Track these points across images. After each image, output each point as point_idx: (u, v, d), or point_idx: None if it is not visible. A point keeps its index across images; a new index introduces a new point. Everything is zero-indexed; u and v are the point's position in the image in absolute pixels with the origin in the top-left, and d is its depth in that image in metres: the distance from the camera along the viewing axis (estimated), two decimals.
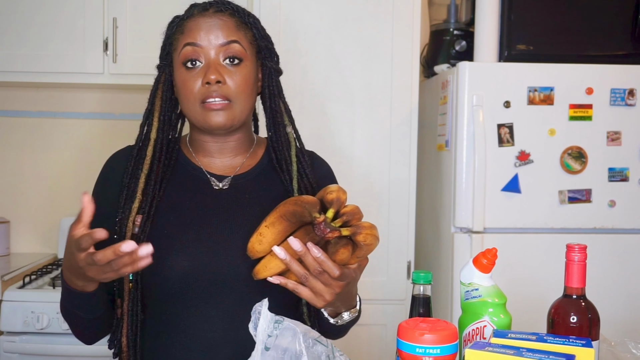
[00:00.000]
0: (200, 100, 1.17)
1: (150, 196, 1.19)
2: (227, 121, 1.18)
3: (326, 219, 1.04)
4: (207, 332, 1.15)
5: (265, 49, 1.26)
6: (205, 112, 1.18)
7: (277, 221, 1.03)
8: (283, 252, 1.01)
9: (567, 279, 1.03)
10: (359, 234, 1.03)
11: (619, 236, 2.13)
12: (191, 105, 1.19)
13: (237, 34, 1.20)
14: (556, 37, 2.21)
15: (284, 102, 1.29)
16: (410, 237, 2.31)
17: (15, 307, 2.12)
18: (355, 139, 2.29)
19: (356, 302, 1.19)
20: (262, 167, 1.28)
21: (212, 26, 1.19)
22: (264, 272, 1.04)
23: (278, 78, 1.29)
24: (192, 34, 1.19)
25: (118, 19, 2.35)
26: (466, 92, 2.09)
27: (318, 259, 1.00)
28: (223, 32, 1.19)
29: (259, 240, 1.03)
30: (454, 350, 0.88)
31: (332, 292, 1.04)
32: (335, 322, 1.16)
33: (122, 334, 1.17)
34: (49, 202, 2.67)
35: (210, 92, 1.16)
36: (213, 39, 1.18)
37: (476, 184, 2.07)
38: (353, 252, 1.03)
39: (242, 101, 1.19)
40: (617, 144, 2.12)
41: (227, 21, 1.20)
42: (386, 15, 2.28)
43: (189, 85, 1.18)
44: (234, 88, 1.18)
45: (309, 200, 1.06)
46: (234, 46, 1.19)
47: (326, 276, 1.02)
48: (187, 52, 1.18)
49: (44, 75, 2.38)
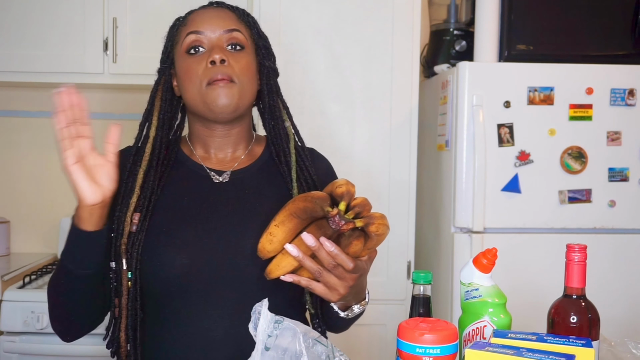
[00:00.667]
0: (206, 82, 1.17)
1: (149, 192, 1.19)
2: (230, 101, 1.18)
3: (340, 212, 1.04)
4: (207, 331, 1.14)
5: (264, 48, 1.28)
6: (210, 92, 1.17)
7: (287, 219, 1.03)
8: (296, 250, 1.01)
9: (567, 279, 1.03)
10: (372, 224, 1.03)
11: (619, 236, 2.13)
12: (196, 89, 1.19)
13: (239, 25, 1.24)
14: (556, 37, 2.21)
15: (282, 100, 1.30)
16: (410, 237, 2.31)
17: (15, 307, 2.12)
18: (355, 139, 2.29)
19: (365, 295, 1.19)
20: (262, 163, 1.28)
21: (214, 16, 1.22)
22: (277, 271, 1.04)
23: (276, 79, 1.30)
24: (195, 23, 1.22)
25: (118, 19, 2.35)
26: (466, 92, 2.09)
27: (332, 253, 1.01)
28: (225, 21, 1.22)
29: (270, 240, 1.03)
30: (454, 350, 0.88)
31: (346, 285, 1.05)
32: (346, 315, 1.16)
33: (120, 330, 1.17)
34: (49, 202, 2.67)
35: (216, 71, 1.17)
36: (216, 27, 1.21)
37: (476, 184, 2.07)
38: (365, 244, 1.04)
39: (245, 84, 1.20)
40: (617, 144, 2.12)
41: (228, 13, 1.25)
42: (386, 15, 2.28)
43: (192, 68, 1.19)
44: (237, 69, 1.19)
45: (319, 195, 1.06)
46: (237, 34, 1.22)
47: (340, 270, 1.03)
48: (190, 39, 1.20)
49: (44, 75, 2.38)
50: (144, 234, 1.16)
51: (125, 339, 1.16)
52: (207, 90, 1.17)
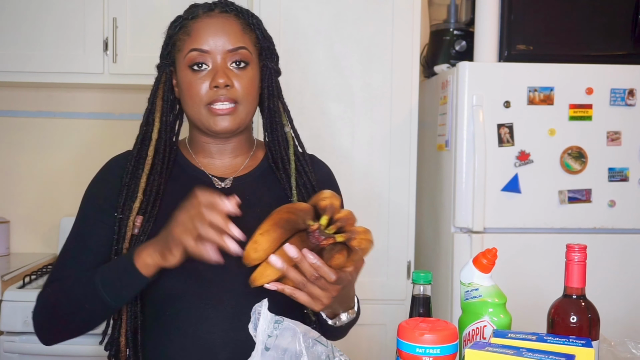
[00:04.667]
0: (207, 103, 1.17)
1: (153, 196, 1.19)
2: (233, 125, 1.19)
3: (320, 227, 1.04)
4: (206, 334, 1.14)
5: (267, 49, 1.26)
6: (211, 116, 1.18)
7: (271, 229, 1.03)
8: (280, 261, 1.00)
9: (567, 279, 1.03)
10: (354, 239, 1.02)
11: (619, 236, 2.13)
12: (197, 108, 1.19)
13: (243, 38, 1.20)
14: (556, 37, 2.21)
15: (283, 102, 1.29)
16: (410, 237, 2.31)
17: (15, 307, 2.12)
18: (355, 139, 2.29)
19: (354, 303, 1.19)
20: (263, 169, 1.28)
21: (218, 30, 1.18)
22: (261, 280, 1.03)
23: (277, 79, 1.29)
24: (199, 38, 1.18)
25: (118, 19, 2.35)
26: (466, 92, 2.09)
27: (314, 265, 1.00)
28: (230, 37, 1.18)
29: (254, 248, 1.02)
30: (454, 350, 0.88)
31: (329, 296, 1.04)
32: (334, 323, 1.16)
33: (120, 334, 1.17)
34: (49, 202, 2.67)
35: (219, 95, 1.16)
36: (220, 44, 1.18)
37: (476, 184, 2.07)
38: (348, 256, 1.03)
39: (248, 104, 1.20)
40: (617, 144, 2.12)
41: (233, 24, 1.20)
42: (386, 15, 2.28)
43: (195, 87, 1.18)
44: (241, 91, 1.18)
45: (302, 207, 1.06)
46: (242, 52, 1.19)
47: (323, 281, 1.02)
48: (193, 56, 1.18)
49: (44, 75, 2.38)
50: (146, 237, 1.15)
51: (125, 343, 1.16)
52: (209, 114, 1.18)
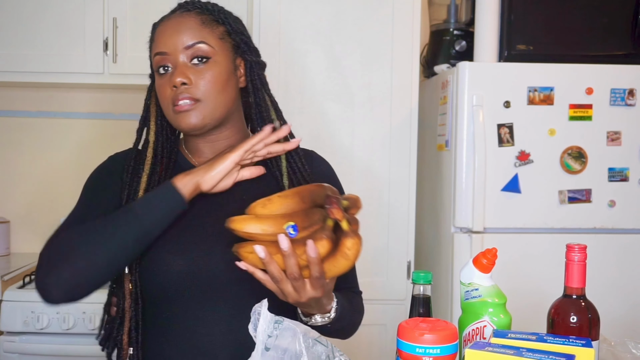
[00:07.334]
0: (172, 104, 1.18)
1: None
2: (198, 121, 1.18)
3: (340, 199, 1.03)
4: (205, 335, 1.14)
5: (242, 43, 1.24)
6: (176, 115, 1.18)
7: (290, 195, 1.04)
8: (263, 252, 0.99)
9: (567, 279, 1.03)
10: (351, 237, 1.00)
11: (619, 236, 2.13)
12: (167, 110, 1.20)
13: (202, 33, 1.19)
14: (556, 37, 2.21)
15: (270, 95, 1.27)
16: (410, 237, 2.31)
17: (15, 307, 2.12)
18: (355, 139, 2.29)
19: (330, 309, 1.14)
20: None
21: (174, 31, 1.19)
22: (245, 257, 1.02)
23: (262, 71, 1.27)
24: (159, 42, 1.20)
25: (118, 19, 2.35)
26: (466, 92, 2.09)
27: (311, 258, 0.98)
28: (186, 34, 1.18)
29: (264, 204, 1.03)
30: (454, 350, 0.88)
31: (297, 300, 1.04)
32: (307, 321, 1.13)
33: (123, 332, 1.17)
34: (49, 202, 2.67)
35: (178, 94, 1.17)
36: (177, 43, 1.18)
37: (476, 184, 2.07)
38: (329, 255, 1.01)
39: (212, 99, 1.18)
40: (617, 144, 2.12)
41: (190, 21, 1.20)
42: (386, 15, 2.28)
43: (162, 91, 1.20)
44: (202, 87, 1.17)
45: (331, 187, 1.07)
46: (199, 47, 1.18)
47: (300, 283, 1.01)
48: (157, 60, 1.20)
49: (43, 75, 2.38)
50: None
51: (127, 342, 1.16)
52: (174, 113, 1.18)
